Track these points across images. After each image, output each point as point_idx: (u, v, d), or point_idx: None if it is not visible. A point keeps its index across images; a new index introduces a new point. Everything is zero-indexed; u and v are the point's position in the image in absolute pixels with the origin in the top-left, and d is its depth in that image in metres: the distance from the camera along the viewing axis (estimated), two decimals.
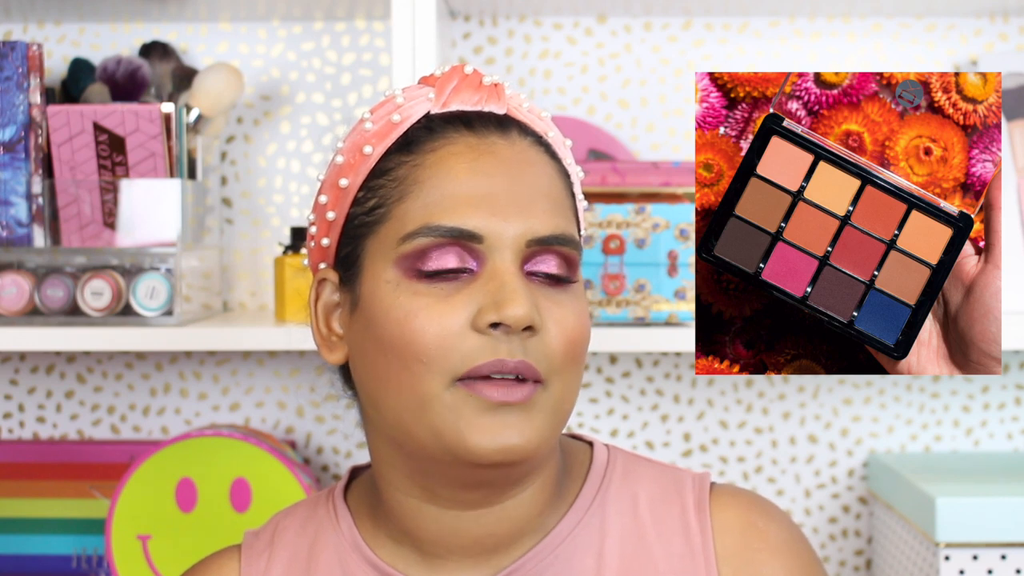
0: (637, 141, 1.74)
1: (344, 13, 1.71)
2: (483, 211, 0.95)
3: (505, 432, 0.94)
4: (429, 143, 0.98)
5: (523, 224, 0.95)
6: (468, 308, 0.94)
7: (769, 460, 1.75)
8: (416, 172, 0.97)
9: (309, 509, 1.08)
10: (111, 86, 1.62)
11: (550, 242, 0.96)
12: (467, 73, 1.01)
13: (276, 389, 1.75)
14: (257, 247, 1.75)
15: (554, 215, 0.97)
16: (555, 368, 0.96)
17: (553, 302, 0.96)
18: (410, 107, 1.00)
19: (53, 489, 1.70)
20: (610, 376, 1.75)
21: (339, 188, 1.00)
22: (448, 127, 0.99)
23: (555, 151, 1.02)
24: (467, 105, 1.00)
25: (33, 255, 1.54)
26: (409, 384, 0.95)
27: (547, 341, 0.95)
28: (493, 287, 0.94)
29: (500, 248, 0.95)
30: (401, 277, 0.95)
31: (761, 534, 1.03)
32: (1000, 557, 1.43)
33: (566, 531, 1.02)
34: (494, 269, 0.95)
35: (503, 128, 0.99)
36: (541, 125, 1.02)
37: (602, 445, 1.08)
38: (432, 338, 0.93)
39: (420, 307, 0.94)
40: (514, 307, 0.93)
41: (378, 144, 0.99)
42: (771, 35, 1.74)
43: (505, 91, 1.01)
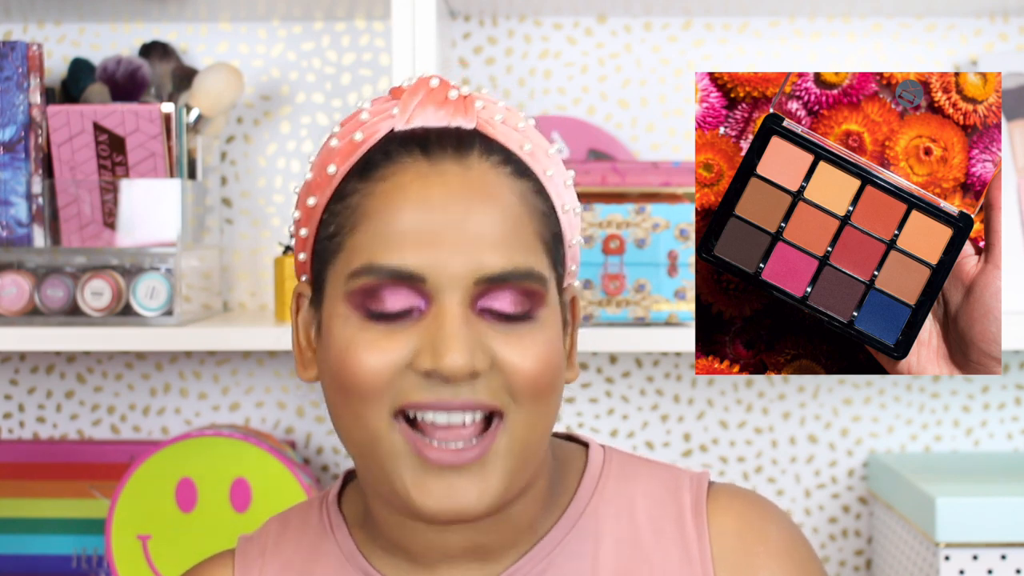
0: (637, 141, 1.74)
1: (344, 13, 1.71)
2: (425, 249, 0.91)
3: (454, 495, 0.91)
4: (383, 169, 0.94)
5: (470, 262, 0.91)
6: (409, 348, 0.91)
7: (769, 460, 1.75)
8: (367, 203, 0.93)
9: (303, 515, 1.07)
10: (111, 86, 1.62)
11: (504, 279, 0.91)
12: (432, 87, 0.96)
13: (276, 389, 1.75)
14: (257, 247, 1.75)
15: (510, 249, 0.92)
16: (517, 400, 0.92)
17: (510, 338, 0.92)
18: (373, 124, 0.96)
19: (53, 489, 1.70)
20: (610, 376, 1.75)
21: (308, 207, 0.98)
22: (403, 152, 0.94)
23: (528, 167, 0.96)
24: (432, 121, 0.95)
25: (33, 255, 1.54)
26: (355, 421, 0.93)
27: (505, 376, 0.92)
28: (434, 330, 0.90)
29: (446, 288, 0.91)
30: (351, 311, 0.93)
31: (759, 536, 1.02)
32: (1000, 557, 1.43)
33: (560, 536, 1.01)
34: (439, 310, 0.91)
35: (461, 150, 0.94)
36: (516, 138, 0.97)
37: (598, 446, 1.06)
38: (368, 373, 0.91)
39: (363, 343, 0.92)
40: (451, 355, 0.89)
41: (341, 164, 0.96)
42: (771, 35, 1.74)
43: (476, 103, 0.96)
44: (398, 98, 0.97)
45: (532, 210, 0.95)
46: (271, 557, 1.05)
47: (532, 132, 0.99)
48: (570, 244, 1.00)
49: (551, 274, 0.96)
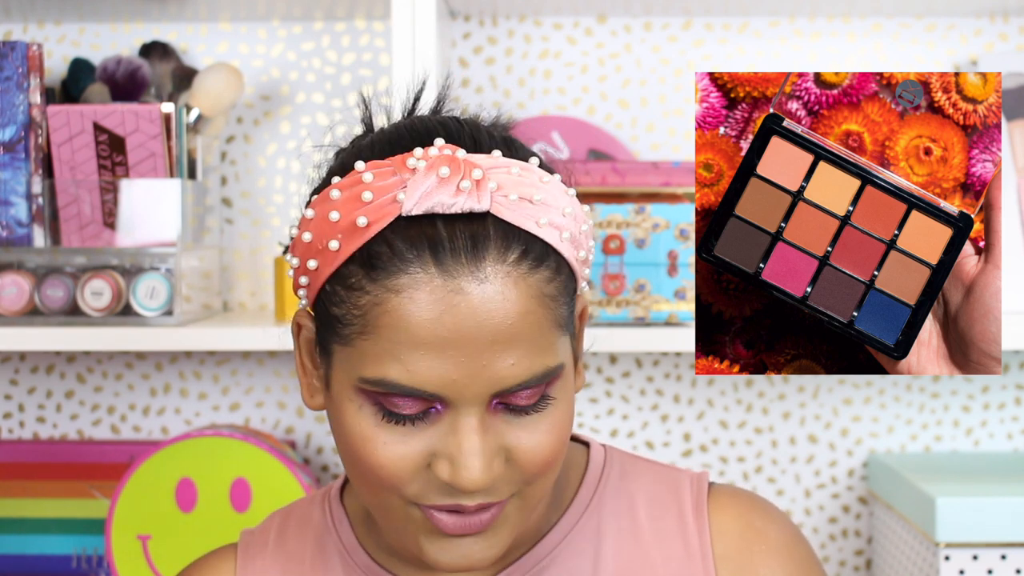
0: (637, 141, 1.74)
1: (344, 13, 1.71)
2: (442, 373, 0.89)
3: (467, 555, 0.93)
4: (393, 276, 0.89)
5: (488, 381, 0.89)
6: (426, 451, 0.91)
7: (769, 460, 1.75)
8: (376, 313, 0.89)
9: (306, 509, 1.07)
10: (111, 86, 1.62)
11: (522, 387, 0.91)
12: (442, 176, 0.89)
13: (276, 389, 1.75)
14: (257, 247, 1.75)
15: (528, 360, 0.90)
16: (529, 482, 0.93)
17: (525, 428, 0.92)
18: (378, 208, 0.90)
19: (53, 489, 1.70)
20: (610, 376, 1.75)
21: (308, 268, 0.94)
22: (412, 256, 0.89)
23: (546, 248, 0.92)
24: (442, 208, 0.89)
25: (33, 255, 1.53)
26: (369, 492, 0.94)
27: (519, 465, 0.92)
28: (452, 442, 0.90)
29: (464, 404, 0.90)
30: (364, 402, 0.91)
31: (760, 535, 1.02)
32: (1000, 557, 1.43)
33: (561, 534, 1.01)
34: (455, 422, 0.90)
35: (476, 256, 0.89)
36: (532, 214, 0.92)
37: (599, 446, 1.07)
38: (388, 473, 0.91)
39: (380, 442, 0.91)
40: (469, 476, 0.89)
41: (344, 244, 0.91)
42: (771, 35, 1.74)
43: (489, 184, 0.90)
44: (402, 173, 0.91)
45: (549, 302, 0.92)
46: (273, 551, 1.05)
47: (549, 199, 0.93)
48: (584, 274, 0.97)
49: (567, 344, 0.95)
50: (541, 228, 0.92)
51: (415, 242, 0.89)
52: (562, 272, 0.93)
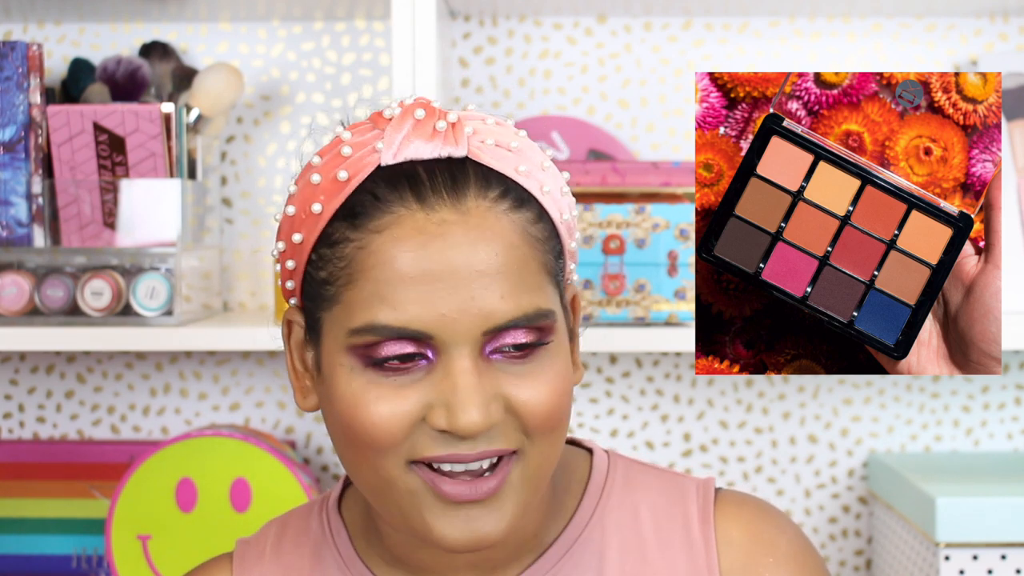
0: (637, 141, 1.74)
1: (344, 13, 1.71)
2: (430, 307, 0.88)
3: (473, 525, 0.91)
4: (375, 218, 0.90)
5: (477, 316, 0.88)
6: (421, 402, 0.89)
7: (769, 460, 1.75)
8: (361, 256, 0.90)
9: (303, 519, 1.06)
10: (111, 86, 1.62)
11: (512, 326, 0.89)
12: (419, 118, 0.91)
13: (276, 389, 1.75)
14: (257, 247, 1.75)
15: (516, 294, 0.89)
16: (531, 437, 0.91)
17: (522, 378, 0.90)
18: (358, 160, 0.91)
19: (53, 489, 1.70)
20: (610, 376, 1.75)
21: (294, 243, 0.94)
22: (394, 197, 0.90)
23: (525, 192, 0.93)
24: (420, 154, 0.91)
25: (33, 255, 1.53)
26: (368, 468, 0.92)
27: (520, 417, 0.91)
28: (446, 387, 0.89)
29: (454, 344, 0.88)
30: (355, 362, 0.90)
31: (767, 546, 1.00)
32: (1000, 557, 1.43)
33: (564, 548, 1.00)
34: (448, 365, 0.89)
35: (457, 192, 0.90)
36: (510, 160, 0.93)
37: (602, 452, 1.05)
38: (382, 430, 0.89)
39: (372, 398, 0.89)
40: (466, 416, 0.87)
41: (327, 204, 0.92)
42: (771, 35, 1.74)
43: (465, 128, 0.92)
44: (380, 127, 0.93)
45: (534, 242, 0.92)
46: (270, 562, 1.04)
47: (525, 148, 0.95)
48: (569, 249, 0.98)
49: (556, 301, 0.94)
50: (520, 175, 0.93)
51: (396, 185, 0.90)
52: (545, 220, 0.94)
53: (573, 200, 0.99)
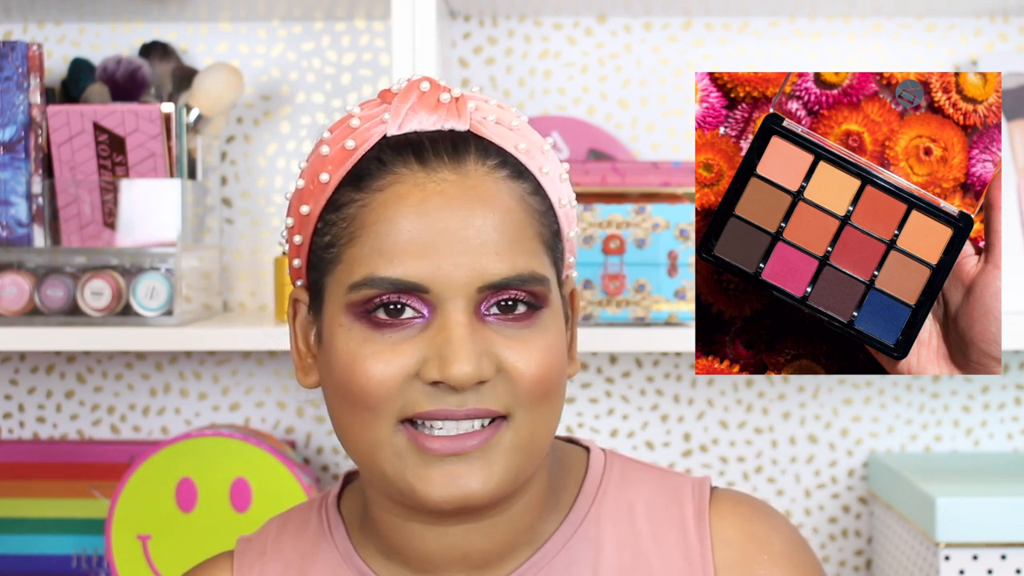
0: (637, 141, 1.74)
1: (344, 13, 1.71)
2: (427, 260, 0.91)
3: (458, 481, 0.92)
4: (378, 179, 0.93)
5: (473, 270, 0.91)
6: (415, 356, 0.91)
7: (769, 460, 1.75)
8: (363, 214, 0.93)
9: (303, 516, 1.06)
10: (111, 86, 1.62)
11: (507, 284, 0.92)
12: (424, 91, 0.95)
13: (276, 389, 1.75)
14: (257, 247, 1.75)
15: (511, 254, 0.92)
16: (522, 403, 0.93)
17: (515, 343, 0.92)
18: (365, 131, 0.95)
19: (53, 489, 1.70)
20: (610, 376, 1.75)
21: (301, 215, 0.97)
22: (398, 160, 0.94)
23: (524, 166, 0.96)
24: (424, 126, 0.95)
25: (33, 255, 1.54)
26: (360, 428, 0.93)
27: (510, 378, 0.92)
28: (440, 340, 0.91)
29: (449, 298, 0.91)
30: (353, 322, 0.93)
31: (762, 544, 1.01)
32: (1000, 557, 1.43)
33: (560, 544, 1.00)
34: (443, 320, 0.91)
35: (458, 156, 0.94)
36: (511, 138, 0.97)
37: (599, 450, 1.05)
38: (376, 384, 0.91)
39: (368, 354, 0.92)
40: (459, 365, 0.90)
41: (334, 172, 0.95)
42: (771, 35, 1.74)
43: (468, 104, 0.96)
44: (388, 102, 0.97)
45: (531, 211, 0.95)
46: (270, 558, 1.05)
47: (526, 129, 0.99)
48: (568, 238, 1.00)
49: (552, 273, 0.96)
50: (520, 152, 0.96)
51: (400, 151, 0.94)
52: (542, 196, 0.97)
53: (572, 193, 1.01)
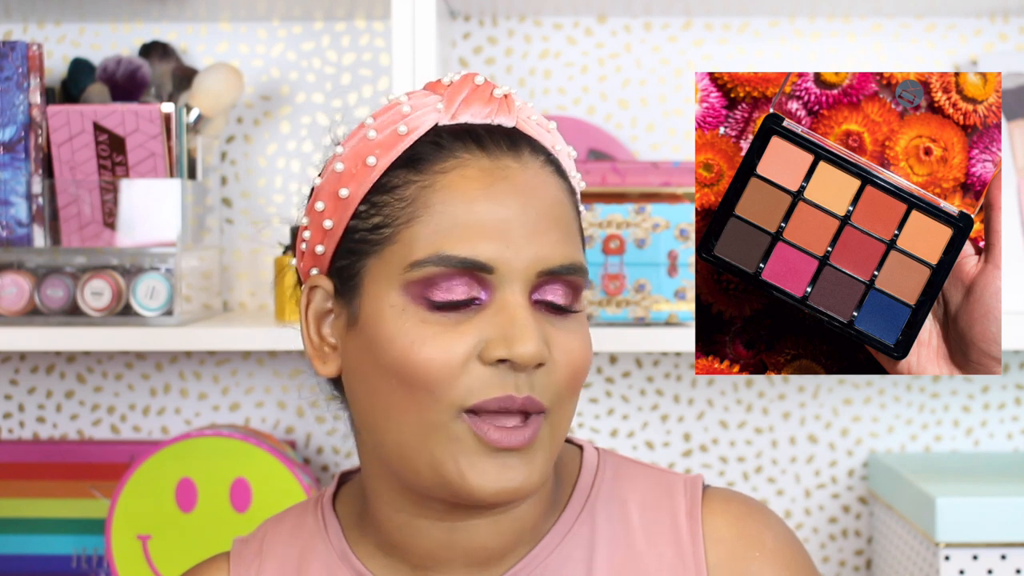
0: (637, 141, 1.74)
1: (344, 13, 1.71)
2: (496, 241, 0.92)
3: (507, 474, 0.93)
4: (439, 162, 0.95)
5: (534, 254, 0.93)
6: (476, 339, 0.92)
7: (769, 460, 1.75)
8: (426, 194, 0.94)
9: (298, 516, 1.07)
10: (111, 86, 1.62)
11: (560, 272, 0.94)
12: (478, 84, 0.97)
13: (276, 389, 1.75)
14: (257, 247, 1.75)
15: (564, 243, 0.95)
16: (560, 397, 0.95)
17: (560, 330, 0.94)
18: (417, 117, 0.96)
19: (53, 489, 1.70)
20: (610, 376, 1.75)
21: (339, 198, 0.97)
22: (458, 145, 0.95)
23: (562, 167, 1.00)
24: (477, 118, 0.97)
25: (33, 255, 1.54)
26: (415, 411, 0.93)
27: (553, 372, 0.94)
28: (503, 320, 0.92)
29: (511, 279, 0.93)
30: (408, 303, 0.93)
31: (754, 542, 1.01)
32: (1000, 557, 1.43)
33: (555, 541, 1.01)
34: (503, 301, 0.92)
35: (515, 148, 0.96)
36: (549, 139, 1.00)
37: (592, 449, 1.06)
38: (439, 367, 0.91)
39: (427, 336, 0.92)
40: (525, 344, 0.91)
41: (383, 156, 0.96)
42: (771, 35, 1.74)
43: (516, 102, 0.98)
44: (438, 92, 0.98)
45: (572, 207, 0.99)
46: (266, 558, 1.05)
47: (557, 136, 1.02)
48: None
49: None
50: (557, 153, 1.00)
51: (458, 136, 0.96)
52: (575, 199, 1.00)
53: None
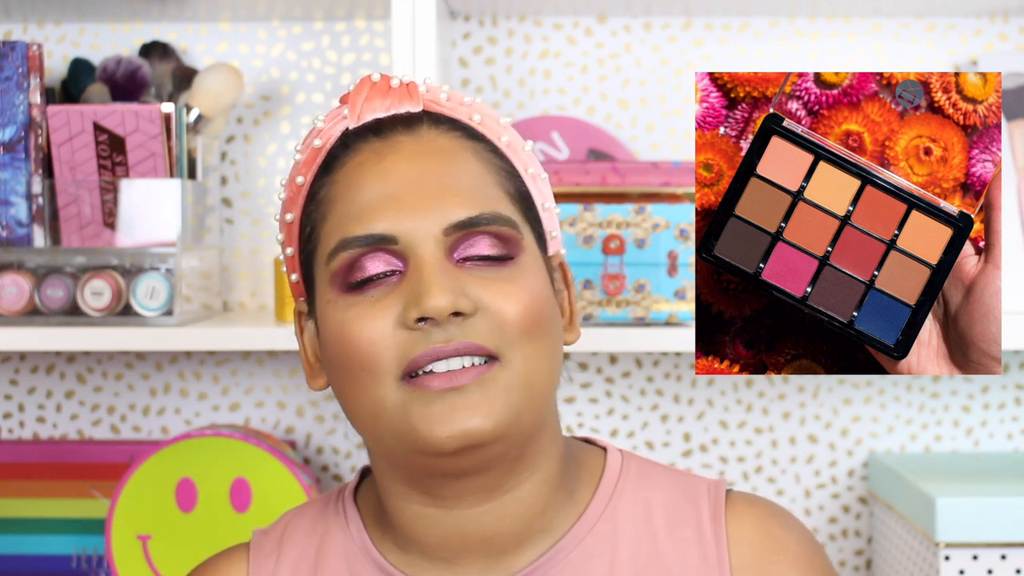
0: (637, 141, 1.74)
1: (344, 13, 1.71)
2: (390, 211, 0.95)
3: (458, 416, 0.93)
4: (343, 160, 0.99)
5: (436, 214, 0.95)
6: (396, 308, 0.94)
7: (769, 460, 1.75)
8: (332, 191, 0.99)
9: (319, 509, 1.07)
10: (111, 86, 1.62)
11: (474, 224, 0.95)
12: (375, 81, 1.01)
13: (276, 389, 1.75)
14: (257, 247, 1.75)
15: (473, 197, 0.96)
16: (510, 341, 0.95)
17: (493, 284, 0.95)
18: (329, 129, 1.01)
19: (53, 489, 1.70)
20: (610, 376, 1.75)
21: (287, 223, 1.02)
22: (359, 140, 1.00)
23: (479, 132, 1.01)
24: (380, 112, 1.00)
25: (33, 255, 1.54)
26: (365, 393, 0.95)
27: (493, 316, 0.95)
28: (413, 281, 0.94)
29: (417, 243, 0.95)
30: (336, 294, 0.97)
31: (778, 545, 1.01)
32: (1000, 557, 1.43)
33: (578, 537, 1.01)
34: (416, 264, 0.95)
35: (410, 125, 0.99)
36: (463, 111, 1.02)
37: (616, 451, 1.06)
38: (367, 344, 0.94)
39: (352, 317, 0.95)
40: (433, 298, 0.92)
41: (307, 172, 1.01)
42: (771, 35, 1.74)
43: (419, 88, 1.01)
44: (344, 102, 1.02)
45: (490, 165, 1.00)
46: (286, 550, 1.06)
47: (480, 106, 1.03)
48: (544, 207, 1.03)
49: (524, 224, 0.99)
50: (475, 124, 1.01)
51: (361, 133, 1.00)
52: (501, 156, 1.01)
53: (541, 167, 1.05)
